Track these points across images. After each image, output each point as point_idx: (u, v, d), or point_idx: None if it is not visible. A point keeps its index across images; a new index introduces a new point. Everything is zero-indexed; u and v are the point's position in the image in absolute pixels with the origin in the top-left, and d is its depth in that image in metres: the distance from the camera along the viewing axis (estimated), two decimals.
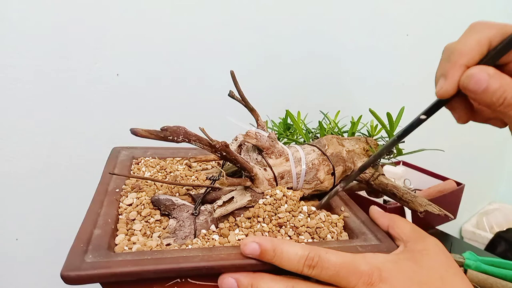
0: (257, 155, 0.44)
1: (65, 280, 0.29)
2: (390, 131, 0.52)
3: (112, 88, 0.70)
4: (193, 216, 0.39)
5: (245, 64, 0.86)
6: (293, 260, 0.33)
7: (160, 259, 0.32)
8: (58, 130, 0.67)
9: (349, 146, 0.51)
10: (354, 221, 0.42)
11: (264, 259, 0.33)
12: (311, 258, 0.32)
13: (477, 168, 1.60)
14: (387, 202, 0.80)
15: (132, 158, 0.53)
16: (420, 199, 0.48)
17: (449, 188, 0.88)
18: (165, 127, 0.34)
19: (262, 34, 0.86)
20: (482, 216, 1.78)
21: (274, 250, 0.33)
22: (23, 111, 0.64)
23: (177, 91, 0.78)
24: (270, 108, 0.64)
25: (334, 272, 0.32)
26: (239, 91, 0.47)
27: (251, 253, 0.33)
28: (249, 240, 0.33)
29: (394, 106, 0.55)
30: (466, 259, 0.66)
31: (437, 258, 0.36)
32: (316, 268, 0.32)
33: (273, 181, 0.43)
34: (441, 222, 0.94)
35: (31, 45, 0.61)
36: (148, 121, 0.72)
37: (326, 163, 0.46)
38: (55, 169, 0.69)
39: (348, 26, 1.00)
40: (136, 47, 0.71)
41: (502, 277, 0.64)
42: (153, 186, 0.45)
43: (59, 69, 0.65)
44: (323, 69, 1.00)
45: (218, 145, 0.37)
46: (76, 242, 0.33)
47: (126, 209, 0.40)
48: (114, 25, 0.67)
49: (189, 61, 0.77)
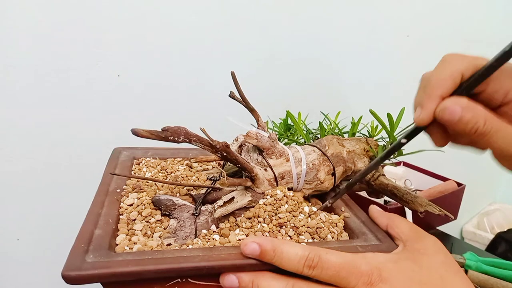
0: (258, 155, 0.44)
1: (66, 280, 0.29)
2: (391, 132, 0.52)
3: (113, 88, 0.70)
4: (194, 216, 0.39)
5: (246, 65, 0.86)
6: (293, 260, 0.33)
7: (161, 259, 0.32)
8: (59, 130, 0.67)
9: (349, 146, 0.51)
10: (355, 221, 0.42)
11: (264, 260, 0.33)
12: (311, 258, 0.33)
13: (477, 169, 1.60)
14: (388, 203, 0.80)
15: (133, 159, 0.53)
16: (421, 200, 0.48)
17: (450, 189, 0.88)
18: (166, 127, 0.34)
19: (263, 35, 0.86)
20: (482, 217, 1.78)
21: (274, 250, 0.33)
22: (23, 111, 0.64)
23: (178, 91, 0.78)
24: (271, 108, 0.65)
25: (334, 273, 0.33)
26: (239, 91, 0.47)
27: (251, 253, 0.33)
28: (249, 241, 0.33)
29: (394, 106, 0.55)
30: (466, 259, 0.66)
31: (436, 257, 0.36)
32: (316, 268, 0.32)
33: (274, 181, 0.43)
34: (441, 223, 0.94)
35: (32, 45, 0.62)
36: (149, 121, 0.73)
37: (326, 164, 0.46)
38: (55, 169, 0.69)
39: (348, 26, 1.00)
40: (137, 48, 0.71)
41: (502, 278, 0.64)
42: (154, 187, 0.45)
43: (60, 69, 0.65)
44: (324, 70, 1.00)
45: (218, 146, 0.37)
46: (77, 242, 0.33)
47: (127, 209, 0.40)
48: (115, 26, 0.68)
49: (190, 61, 0.77)
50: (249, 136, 0.43)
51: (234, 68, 0.46)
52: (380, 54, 1.11)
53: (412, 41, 1.16)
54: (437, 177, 0.94)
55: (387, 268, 0.34)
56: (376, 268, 0.33)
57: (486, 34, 1.36)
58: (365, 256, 0.35)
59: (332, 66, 1.02)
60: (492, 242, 1.55)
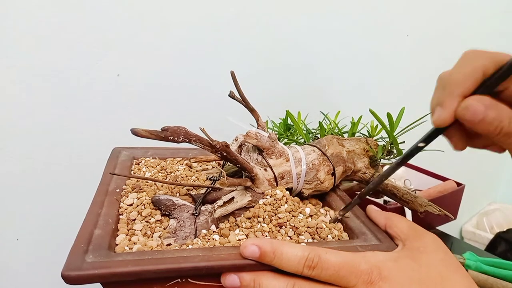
0: (258, 155, 0.44)
1: (66, 280, 0.29)
2: (390, 132, 0.52)
3: (112, 88, 0.70)
4: (194, 216, 0.39)
5: (246, 65, 0.86)
6: (293, 261, 0.33)
7: (161, 259, 0.32)
8: (58, 130, 0.67)
9: (349, 146, 0.51)
10: (354, 221, 0.42)
11: (264, 261, 0.33)
12: (311, 259, 0.33)
13: (477, 169, 1.60)
14: (388, 203, 0.80)
15: (133, 159, 0.53)
16: (420, 199, 0.48)
17: (449, 189, 0.88)
18: (166, 127, 0.34)
19: (263, 34, 0.86)
20: (482, 217, 1.78)
21: (273, 252, 0.33)
22: (23, 111, 0.64)
23: (178, 91, 0.78)
24: (270, 108, 0.65)
25: (334, 272, 0.33)
26: (239, 91, 0.47)
27: (250, 255, 0.33)
28: (249, 243, 0.33)
29: (394, 106, 0.55)
30: (466, 259, 0.66)
31: (436, 255, 0.36)
32: (316, 269, 0.33)
33: (274, 181, 0.43)
34: (441, 223, 0.94)
35: (31, 45, 0.61)
36: (149, 121, 0.73)
37: (326, 163, 0.46)
38: (55, 169, 0.69)
39: (348, 26, 1.00)
40: (137, 48, 0.71)
41: (502, 278, 0.64)
42: (154, 186, 0.45)
43: (59, 69, 0.65)
44: (324, 69, 1.00)
45: (218, 145, 0.37)
46: (76, 242, 0.33)
47: (127, 209, 0.40)
48: (114, 26, 0.68)
49: (190, 61, 0.77)
50: (248, 136, 0.43)
51: (234, 68, 0.46)
52: (380, 54, 1.11)
53: (412, 41, 1.16)
54: (437, 177, 0.94)
55: (387, 267, 0.34)
56: (375, 266, 0.33)
57: (486, 34, 1.37)
58: (364, 255, 0.35)
59: (332, 65, 1.02)
60: (491, 242, 1.55)
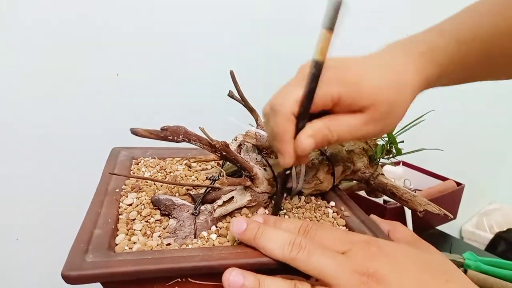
0: (257, 155, 0.44)
1: (66, 279, 0.29)
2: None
3: (111, 88, 0.70)
4: (193, 216, 0.39)
5: (245, 64, 0.86)
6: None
7: (161, 259, 0.32)
8: (58, 130, 0.67)
9: (348, 146, 0.51)
10: (354, 221, 0.42)
11: (258, 233, 0.34)
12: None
13: (477, 168, 1.60)
14: (387, 202, 0.80)
15: (132, 158, 0.53)
16: (420, 199, 0.48)
17: (449, 188, 0.88)
18: (165, 127, 0.34)
19: (263, 34, 0.86)
20: (482, 216, 1.78)
21: (269, 222, 0.36)
22: (23, 111, 0.64)
23: (177, 91, 0.78)
24: None
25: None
26: (238, 91, 0.47)
27: (239, 234, 0.35)
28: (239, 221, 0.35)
29: None
30: (466, 259, 0.66)
31: (437, 256, 0.37)
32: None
33: (273, 180, 0.43)
34: (441, 222, 0.94)
35: (31, 45, 0.61)
36: (148, 121, 0.72)
37: (325, 163, 0.47)
38: (55, 169, 0.69)
39: (348, 26, 1.00)
40: (136, 47, 0.71)
41: (502, 278, 0.64)
42: (153, 186, 0.45)
43: (58, 69, 0.65)
44: None
45: (218, 145, 0.37)
46: (76, 242, 0.33)
47: (126, 209, 0.40)
48: (114, 25, 0.67)
49: (189, 61, 0.77)
50: (248, 136, 0.43)
51: (233, 67, 0.46)
52: None
53: None
54: (437, 176, 0.94)
55: (389, 245, 0.33)
56: (374, 240, 0.33)
57: None
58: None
59: None
60: (491, 241, 1.55)
